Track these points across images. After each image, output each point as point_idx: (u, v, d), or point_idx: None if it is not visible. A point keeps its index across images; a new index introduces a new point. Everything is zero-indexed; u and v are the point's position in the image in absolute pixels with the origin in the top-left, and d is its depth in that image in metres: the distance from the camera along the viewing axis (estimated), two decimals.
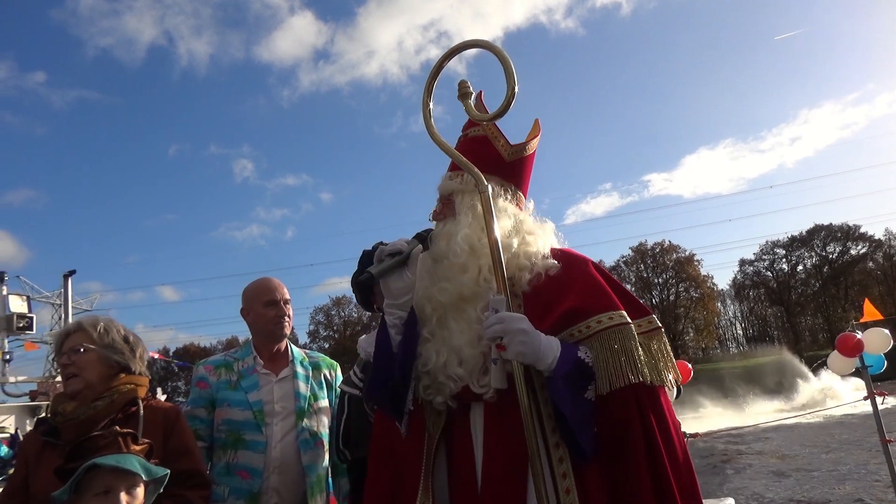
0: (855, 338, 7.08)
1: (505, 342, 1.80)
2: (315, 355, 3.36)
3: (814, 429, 20.46)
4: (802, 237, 67.18)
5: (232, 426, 2.93)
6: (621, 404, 1.84)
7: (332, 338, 71.76)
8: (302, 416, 3.03)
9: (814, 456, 15.32)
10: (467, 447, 1.97)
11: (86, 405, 2.36)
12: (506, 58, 1.97)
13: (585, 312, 1.94)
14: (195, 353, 67.65)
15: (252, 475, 2.87)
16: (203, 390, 3.01)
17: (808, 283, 67.93)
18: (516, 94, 1.98)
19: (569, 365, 1.83)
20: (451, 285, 2.01)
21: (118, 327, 2.60)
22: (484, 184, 1.96)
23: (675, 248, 68.67)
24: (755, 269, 70.88)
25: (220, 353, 3.26)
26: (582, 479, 1.81)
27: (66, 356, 2.46)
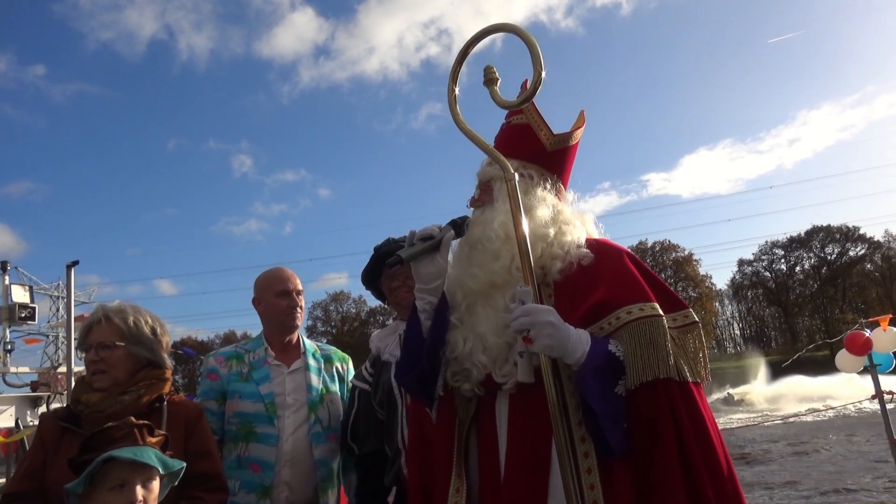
0: (863, 336, 7.06)
1: (532, 335, 1.76)
2: (327, 348, 3.31)
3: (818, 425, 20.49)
4: (801, 238, 67.29)
5: (243, 419, 2.88)
6: (651, 400, 1.78)
7: (330, 333, 71.71)
8: (314, 409, 2.98)
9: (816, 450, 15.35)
10: (492, 436, 1.94)
11: (112, 398, 2.32)
12: (533, 42, 1.94)
13: (615, 304, 1.88)
14: (192, 347, 67.50)
15: (263, 468, 2.82)
16: (214, 382, 2.96)
17: (807, 283, 68.00)
18: (543, 79, 1.94)
19: (599, 359, 1.78)
20: (483, 272, 1.99)
21: (146, 317, 2.54)
22: (510, 172, 1.92)
23: (674, 247, 68.76)
24: (754, 269, 71.06)
25: (231, 345, 3.21)
26: (608, 475, 1.76)
27: (94, 352, 2.39)
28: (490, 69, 2.03)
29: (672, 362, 1.80)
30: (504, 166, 1.94)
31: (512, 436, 1.89)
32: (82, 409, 2.33)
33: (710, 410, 1.89)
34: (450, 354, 2.01)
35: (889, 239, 65.25)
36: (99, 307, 2.61)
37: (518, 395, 1.90)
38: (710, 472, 1.75)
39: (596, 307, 1.90)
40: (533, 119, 2.15)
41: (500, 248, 1.99)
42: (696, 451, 1.75)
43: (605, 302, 1.90)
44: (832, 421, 21.78)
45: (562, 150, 2.17)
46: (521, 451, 1.85)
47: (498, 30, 2.06)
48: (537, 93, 1.97)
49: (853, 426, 19.73)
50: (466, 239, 2.09)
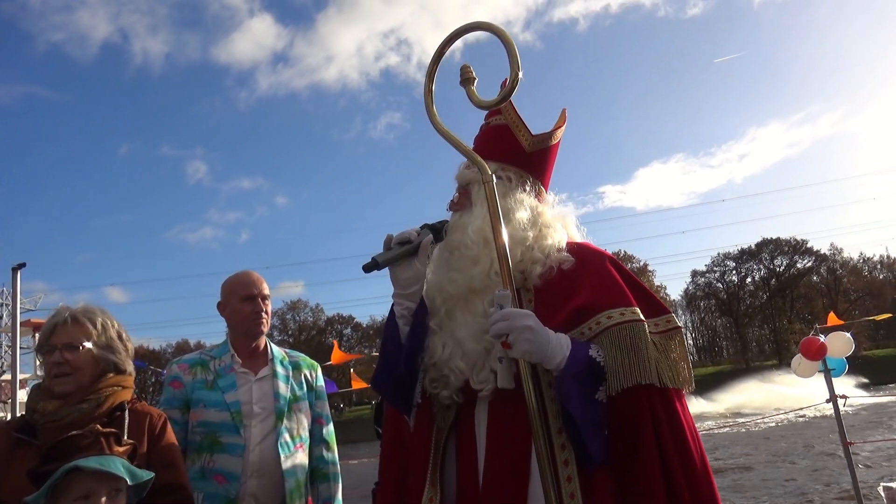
0: (818, 341, 7.24)
1: (510, 339, 1.72)
2: (295, 354, 3.22)
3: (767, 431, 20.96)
4: (752, 250, 69.07)
5: (208, 428, 2.77)
6: (632, 407, 1.75)
7: (287, 342, 70.69)
8: (282, 418, 2.88)
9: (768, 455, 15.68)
10: (470, 443, 1.91)
11: (69, 406, 2.16)
12: (510, 41, 1.91)
13: (596, 308, 1.86)
14: (143, 356, 65.84)
15: (229, 480, 2.71)
16: (177, 390, 2.84)
17: (757, 294, 69.85)
18: (520, 79, 1.92)
19: (579, 365, 1.76)
20: (462, 276, 1.97)
21: (113, 321, 2.40)
22: (488, 173, 1.89)
23: (629, 258, 69.86)
24: (706, 280, 72.58)
25: (196, 352, 3.09)
26: (588, 483, 1.74)
27: (59, 353, 2.23)
28: (467, 68, 2.00)
29: (653, 368, 1.77)
30: (482, 168, 1.90)
31: (491, 443, 1.85)
32: (38, 418, 2.16)
33: (690, 417, 1.88)
34: (428, 360, 1.98)
35: (834, 252, 67.67)
36: (63, 307, 2.45)
37: (497, 402, 1.88)
38: (689, 479, 1.74)
39: (576, 312, 1.87)
40: (511, 120, 2.13)
41: (479, 253, 1.96)
42: (676, 459, 1.74)
43: (585, 306, 1.87)
44: (792, 425, 22.32)
45: (541, 150, 2.14)
46: (501, 459, 1.82)
47: (475, 28, 2.03)
48: (514, 92, 1.95)
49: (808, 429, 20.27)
50: (446, 244, 2.06)
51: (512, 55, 1.91)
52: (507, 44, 1.91)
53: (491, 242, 1.90)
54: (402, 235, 2.02)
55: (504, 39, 1.91)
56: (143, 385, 57.07)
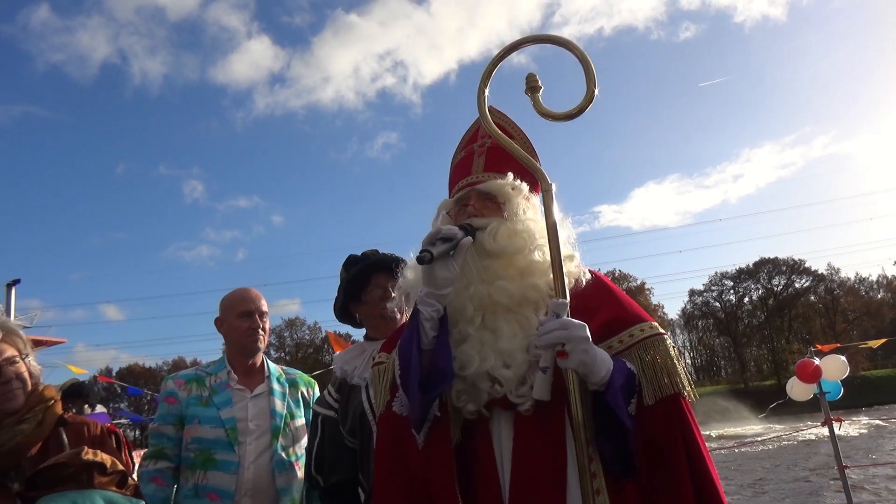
0: (813, 364, 7.24)
1: (568, 349, 1.68)
2: (292, 371, 3.20)
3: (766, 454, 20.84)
4: (750, 269, 69.12)
5: (202, 444, 2.75)
6: (664, 417, 1.78)
7: (284, 360, 70.34)
8: (277, 436, 2.86)
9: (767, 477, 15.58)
10: (488, 460, 1.83)
11: (7, 430, 1.96)
12: (586, 58, 1.97)
13: (625, 322, 1.89)
14: (139, 374, 65.54)
15: (222, 497, 2.68)
16: (172, 406, 2.83)
17: (755, 314, 69.78)
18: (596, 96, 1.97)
19: (624, 377, 1.77)
20: (513, 286, 1.91)
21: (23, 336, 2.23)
22: (548, 182, 1.92)
23: (626, 276, 69.90)
24: (704, 299, 72.55)
25: (192, 367, 3.09)
26: (618, 495, 1.73)
27: (6, 365, 2.05)
28: (533, 77, 2.03)
29: (681, 379, 1.83)
30: (541, 176, 1.95)
31: (519, 458, 1.80)
32: None
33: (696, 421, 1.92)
34: (458, 371, 1.87)
35: (832, 272, 67.78)
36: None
37: (526, 416, 1.82)
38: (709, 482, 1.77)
39: (605, 325, 1.88)
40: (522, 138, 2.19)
41: (532, 264, 1.95)
42: (699, 464, 1.78)
43: (615, 320, 1.90)
44: (781, 449, 22.19)
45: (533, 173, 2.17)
46: (533, 474, 1.76)
47: (550, 41, 2.07)
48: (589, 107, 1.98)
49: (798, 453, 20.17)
50: (484, 249, 1.96)
51: (589, 72, 1.95)
52: (582, 61, 1.96)
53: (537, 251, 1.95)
54: (450, 231, 1.89)
55: (580, 56, 1.97)
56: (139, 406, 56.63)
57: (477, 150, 2.22)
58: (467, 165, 2.21)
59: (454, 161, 2.30)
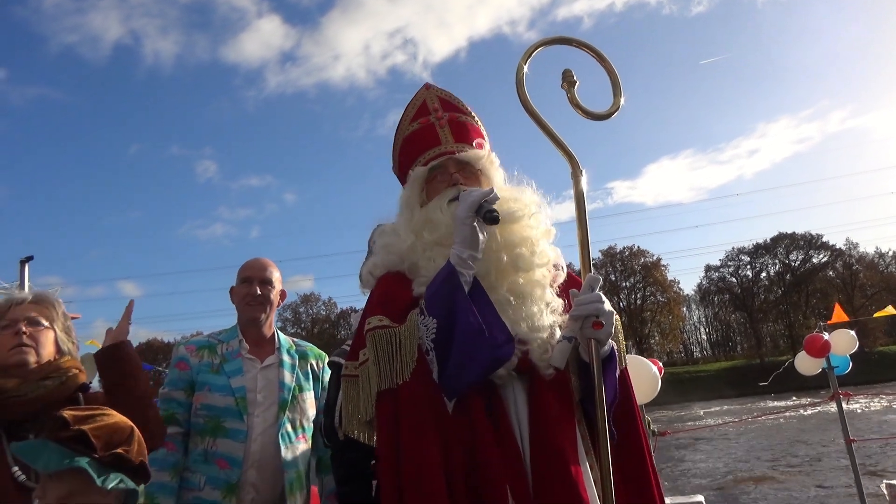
0: (822, 339, 7.22)
1: (603, 320, 1.83)
2: (303, 344, 3.20)
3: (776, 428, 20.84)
4: (767, 244, 68.52)
5: (212, 412, 2.78)
6: (625, 386, 1.99)
7: (300, 335, 71.02)
8: (285, 408, 2.87)
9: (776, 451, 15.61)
10: (505, 424, 1.82)
11: (33, 383, 2.14)
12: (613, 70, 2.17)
13: None
14: (158, 349, 66.43)
15: (231, 465, 2.71)
16: (183, 372, 2.85)
17: (771, 289, 69.27)
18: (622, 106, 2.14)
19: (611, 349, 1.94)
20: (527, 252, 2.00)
21: (67, 314, 2.44)
22: (580, 168, 2.01)
23: (642, 252, 69.53)
24: (720, 274, 72.11)
25: (205, 334, 3.10)
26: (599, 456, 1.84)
27: (24, 323, 2.24)
28: (569, 72, 2.13)
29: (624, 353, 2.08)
30: (574, 161, 2.04)
31: (536, 422, 1.82)
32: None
33: None
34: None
35: (850, 247, 66.98)
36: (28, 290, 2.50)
37: (539, 382, 1.87)
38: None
39: None
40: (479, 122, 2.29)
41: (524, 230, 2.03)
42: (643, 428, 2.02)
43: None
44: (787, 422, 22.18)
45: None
46: (551, 437, 1.80)
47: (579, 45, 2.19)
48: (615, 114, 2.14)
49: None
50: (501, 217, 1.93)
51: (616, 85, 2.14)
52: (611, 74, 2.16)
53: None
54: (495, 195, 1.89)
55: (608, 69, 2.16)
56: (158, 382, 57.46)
57: (436, 122, 2.20)
58: (431, 136, 2.19)
59: (405, 133, 2.25)
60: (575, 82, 2.12)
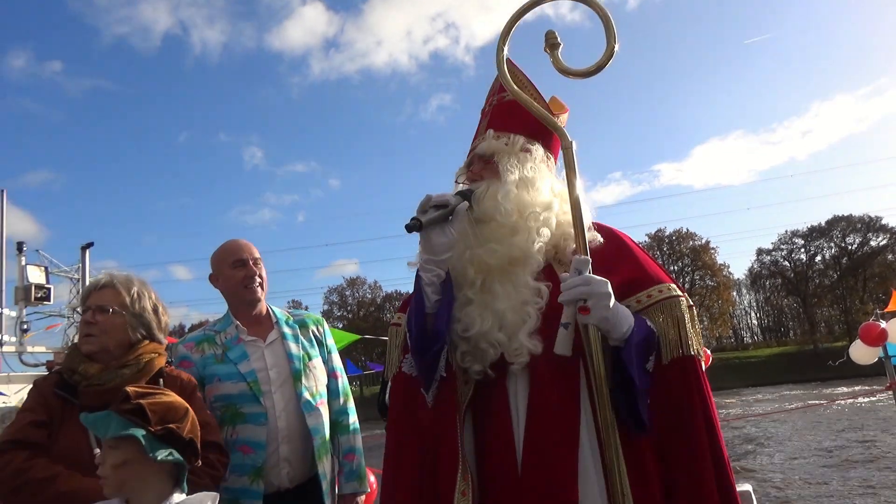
0: (879, 327, 6.94)
1: (590, 304, 1.70)
2: (299, 313, 3.19)
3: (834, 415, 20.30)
4: (822, 227, 66.29)
5: (227, 401, 2.77)
6: (679, 378, 1.82)
7: (346, 318, 72.03)
8: (299, 378, 2.88)
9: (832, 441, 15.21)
10: (503, 419, 1.88)
11: (112, 371, 2.26)
12: (606, 13, 1.95)
13: (643, 283, 1.92)
14: None
15: (255, 449, 2.72)
16: (188, 370, 2.80)
17: (826, 273, 67.06)
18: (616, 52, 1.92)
19: (642, 334, 1.79)
20: (502, 247, 1.93)
21: (150, 293, 2.50)
22: (568, 139, 1.91)
23: (691, 235, 68.11)
24: (773, 258, 70.13)
25: (198, 329, 3.06)
26: (632, 450, 1.75)
27: (90, 312, 2.33)
28: (552, 34, 2.01)
29: (694, 341, 1.86)
30: (562, 134, 1.93)
31: (532, 416, 1.83)
32: (79, 379, 2.25)
33: None
34: (462, 333, 1.93)
35: None
36: (107, 273, 2.56)
37: (539, 372, 1.85)
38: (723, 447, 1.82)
39: (625, 284, 1.89)
40: (534, 96, 2.11)
41: (517, 223, 1.95)
42: (715, 424, 1.82)
43: (634, 279, 1.93)
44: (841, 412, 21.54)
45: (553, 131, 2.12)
46: (547, 431, 1.79)
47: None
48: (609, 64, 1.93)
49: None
50: (475, 213, 1.99)
51: (608, 28, 1.93)
52: (602, 17, 1.95)
53: (525, 212, 1.95)
54: (441, 198, 1.94)
55: (599, 12, 1.96)
56: None
57: (487, 112, 2.21)
58: (479, 127, 2.22)
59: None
60: (558, 44, 1.98)
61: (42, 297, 12.16)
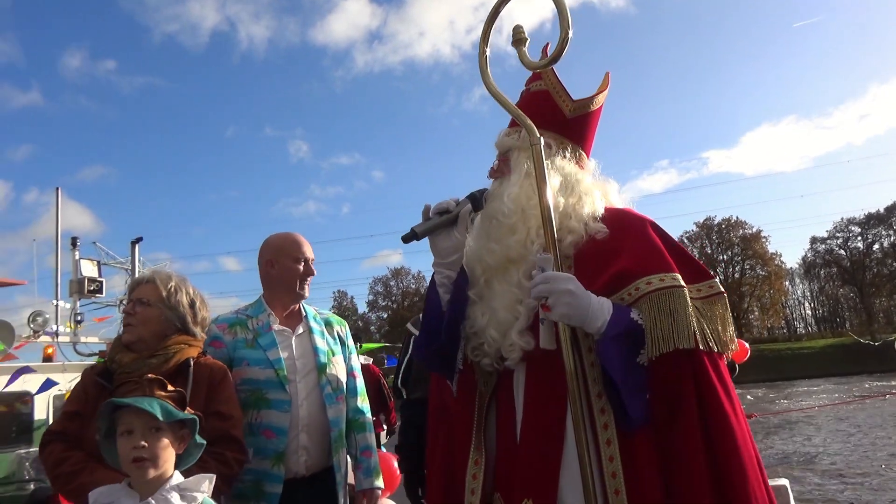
0: None
1: (550, 302, 1.73)
2: (325, 312, 3.31)
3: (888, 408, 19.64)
4: (880, 214, 63.85)
5: (253, 385, 2.84)
6: (674, 371, 1.75)
7: (391, 307, 72.70)
8: (324, 371, 2.97)
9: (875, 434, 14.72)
10: (509, 407, 1.95)
11: (141, 361, 2.43)
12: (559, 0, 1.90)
13: (636, 273, 1.86)
14: None
15: (277, 434, 2.79)
16: (218, 350, 2.88)
17: (885, 262, 64.60)
18: (570, 39, 1.90)
19: (620, 327, 1.76)
20: (499, 246, 1.97)
21: (188, 289, 2.66)
22: (536, 136, 1.90)
23: (741, 224, 66.36)
24: (827, 246, 67.97)
25: (231, 311, 3.14)
26: (629, 447, 1.73)
27: (131, 304, 2.55)
28: (519, 29, 2.02)
29: (693, 333, 1.75)
30: (530, 130, 1.91)
31: (528, 407, 1.89)
32: (115, 367, 2.44)
33: (730, 381, 1.85)
34: (469, 330, 2.02)
35: None
36: (150, 269, 2.79)
37: (534, 366, 1.89)
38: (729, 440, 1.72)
39: (617, 276, 1.87)
40: (552, 85, 2.12)
41: (516, 222, 1.97)
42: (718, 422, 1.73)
43: (625, 271, 1.88)
44: None
45: (582, 116, 2.13)
46: (536, 422, 1.84)
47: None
48: (564, 52, 1.92)
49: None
50: (484, 212, 2.06)
51: (562, 14, 1.90)
52: (555, 2, 1.91)
53: (527, 211, 1.95)
54: (441, 205, 2.05)
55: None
56: None
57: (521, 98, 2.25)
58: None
59: None
60: (524, 40, 2.00)
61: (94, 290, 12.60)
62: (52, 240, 12.18)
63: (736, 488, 1.66)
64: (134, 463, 1.87)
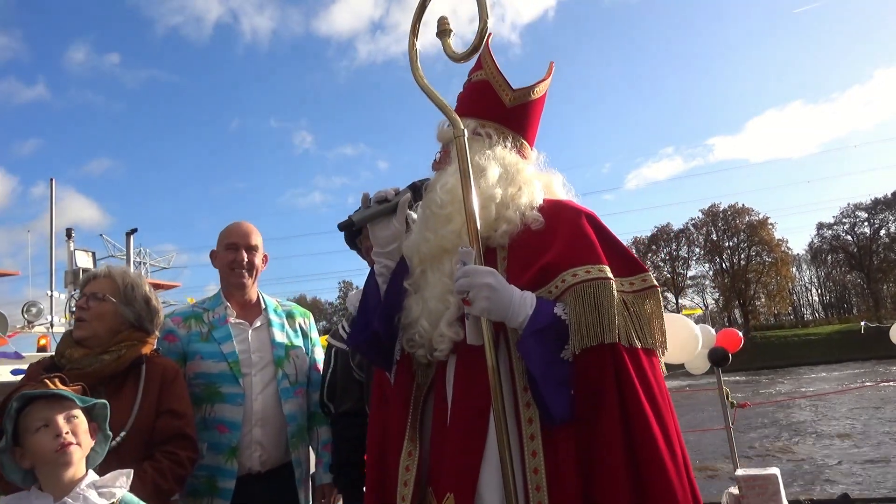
0: None
1: (470, 297, 1.71)
2: (288, 304, 3.24)
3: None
4: (887, 199, 63.45)
5: (206, 379, 2.80)
6: (596, 366, 1.70)
7: None
8: (280, 365, 2.91)
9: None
10: (443, 400, 1.93)
11: (93, 356, 2.36)
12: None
13: (562, 266, 1.81)
14: None
15: (230, 428, 2.75)
16: (172, 344, 2.85)
17: (892, 247, 64.25)
18: (488, 28, 1.90)
19: (542, 322, 1.71)
20: (434, 236, 1.95)
21: (144, 287, 2.60)
22: (460, 128, 1.86)
23: (747, 210, 66.03)
24: (834, 232, 67.64)
25: (189, 304, 3.12)
26: (552, 442, 1.70)
27: (84, 299, 2.46)
28: (443, 20, 2.01)
29: (616, 327, 1.71)
30: (454, 122, 1.90)
31: (455, 399, 1.86)
32: (64, 363, 2.35)
33: (661, 378, 1.81)
34: (404, 320, 1.99)
35: None
36: (106, 265, 2.69)
37: (463, 360, 1.87)
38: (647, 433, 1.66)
39: (543, 270, 1.82)
40: (491, 74, 2.09)
41: (452, 212, 1.93)
42: (638, 418, 1.68)
43: (551, 264, 1.82)
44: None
45: (522, 105, 2.08)
46: (461, 415, 1.82)
47: None
48: (483, 43, 1.90)
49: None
50: (422, 203, 2.04)
51: (480, 4, 1.90)
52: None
53: (461, 200, 1.89)
54: (380, 194, 2.03)
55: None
56: None
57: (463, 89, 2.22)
58: None
59: None
60: (448, 31, 1.98)
61: None
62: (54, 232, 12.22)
63: (654, 485, 1.63)
64: (58, 452, 1.79)
